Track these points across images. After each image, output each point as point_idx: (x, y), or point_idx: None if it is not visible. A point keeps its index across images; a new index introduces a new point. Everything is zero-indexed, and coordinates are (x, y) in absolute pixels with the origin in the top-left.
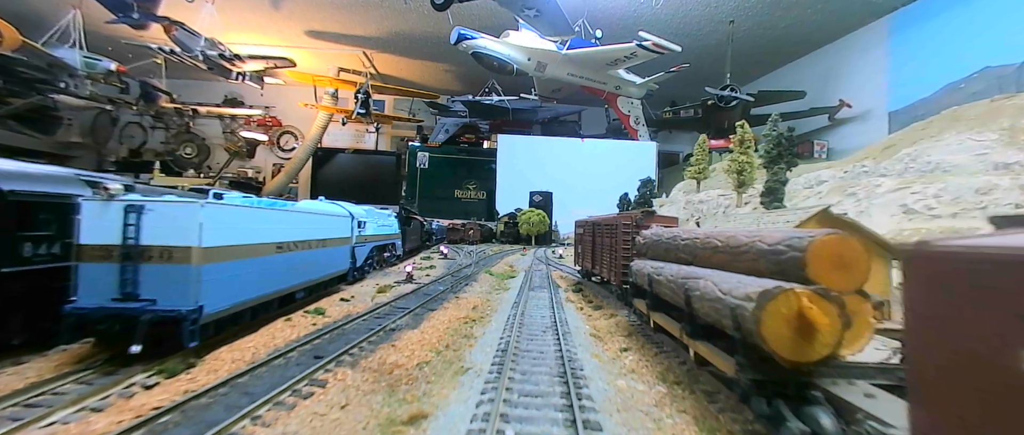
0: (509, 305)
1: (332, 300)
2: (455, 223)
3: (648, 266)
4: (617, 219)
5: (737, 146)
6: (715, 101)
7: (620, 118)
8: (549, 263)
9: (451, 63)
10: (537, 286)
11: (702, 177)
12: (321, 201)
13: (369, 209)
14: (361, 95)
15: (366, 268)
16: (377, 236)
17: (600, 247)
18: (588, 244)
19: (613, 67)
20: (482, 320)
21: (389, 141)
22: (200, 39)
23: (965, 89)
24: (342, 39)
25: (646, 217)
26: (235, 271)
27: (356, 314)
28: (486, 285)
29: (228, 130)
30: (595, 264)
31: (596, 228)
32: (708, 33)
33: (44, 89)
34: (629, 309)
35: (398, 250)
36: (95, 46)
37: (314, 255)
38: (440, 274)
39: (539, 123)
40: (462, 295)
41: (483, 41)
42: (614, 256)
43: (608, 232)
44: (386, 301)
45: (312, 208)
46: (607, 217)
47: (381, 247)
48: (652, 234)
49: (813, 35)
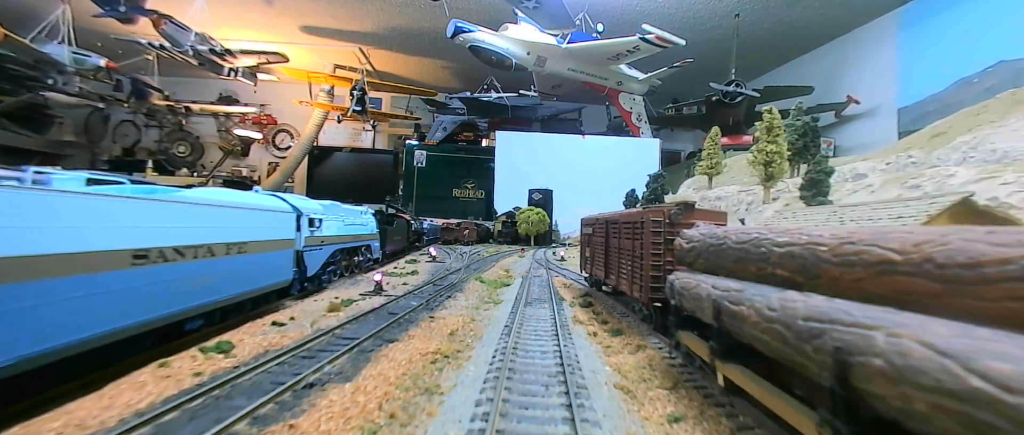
0: (498, 330)
1: (257, 326)
2: (450, 222)
3: (707, 284)
4: (643, 215)
5: (764, 134)
6: (719, 97)
7: (622, 115)
8: (550, 267)
9: (449, 59)
10: (536, 299)
11: (715, 172)
12: (255, 193)
13: (332, 205)
14: (357, 92)
15: (326, 277)
16: (343, 237)
17: (616, 252)
18: (599, 247)
19: (615, 62)
20: (457, 357)
21: (386, 139)
22: (190, 34)
23: (978, 84)
24: (337, 35)
25: (684, 212)
26: (34, 298)
27: (276, 351)
28: (474, 297)
29: (223, 128)
30: (609, 273)
31: (611, 228)
32: (712, 28)
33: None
34: (663, 336)
35: (375, 253)
36: (85, 42)
37: (220, 266)
38: (420, 282)
39: (539, 121)
40: (440, 313)
41: (480, 34)
42: (639, 264)
43: (629, 232)
44: (331, 327)
45: (222, 199)
46: (627, 214)
47: (351, 250)
48: (704, 236)
49: (820, 30)
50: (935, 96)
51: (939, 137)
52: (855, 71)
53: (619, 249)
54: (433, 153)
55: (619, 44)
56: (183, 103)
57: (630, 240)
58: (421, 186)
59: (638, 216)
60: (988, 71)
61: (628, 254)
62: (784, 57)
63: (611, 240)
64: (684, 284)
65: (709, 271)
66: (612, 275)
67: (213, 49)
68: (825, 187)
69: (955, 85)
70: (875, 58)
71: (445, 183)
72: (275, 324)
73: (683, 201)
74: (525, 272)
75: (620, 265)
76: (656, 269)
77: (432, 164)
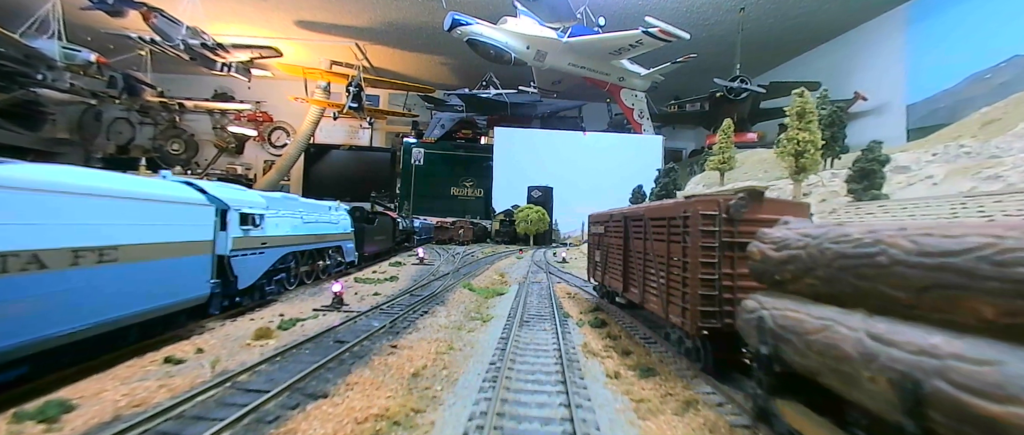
0: (482, 369)
1: (139, 365)
2: (444, 221)
3: (858, 330)
4: (688, 208)
5: (794, 121)
6: (724, 93)
7: (623, 112)
8: (550, 270)
9: (447, 55)
10: (535, 316)
11: (727, 168)
12: (161, 180)
13: (284, 198)
14: (353, 88)
15: (272, 288)
16: (299, 238)
17: (640, 258)
18: (614, 251)
19: (617, 57)
20: (413, 428)
21: (384, 137)
22: (181, 27)
23: (991, 79)
24: (333, 30)
25: (750, 203)
26: None
27: (132, 418)
28: (457, 311)
29: (218, 126)
30: (630, 284)
31: (632, 226)
32: (716, 23)
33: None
34: (718, 383)
35: (349, 256)
36: (75, 37)
37: (59, 282)
38: (396, 291)
39: (538, 118)
40: (407, 338)
41: (479, 27)
42: (679, 277)
43: (662, 232)
44: (244, 366)
45: (77, 183)
46: (658, 207)
47: (313, 253)
48: (812, 238)
49: (827, 25)
50: (946, 92)
51: (993, 124)
52: (863, 67)
53: (645, 254)
54: (431, 151)
55: (621, 38)
56: (177, 100)
57: (662, 242)
58: (419, 184)
59: (677, 209)
60: (1002, 66)
61: (659, 261)
62: (789, 53)
63: (632, 242)
64: (788, 321)
65: (828, 299)
66: (634, 287)
67: (205, 43)
68: (879, 179)
69: (967, 80)
70: (883, 54)
71: (443, 181)
72: (168, 361)
73: (748, 188)
74: (522, 277)
75: (647, 276)
76: (707, 284)
77: (430, 162)
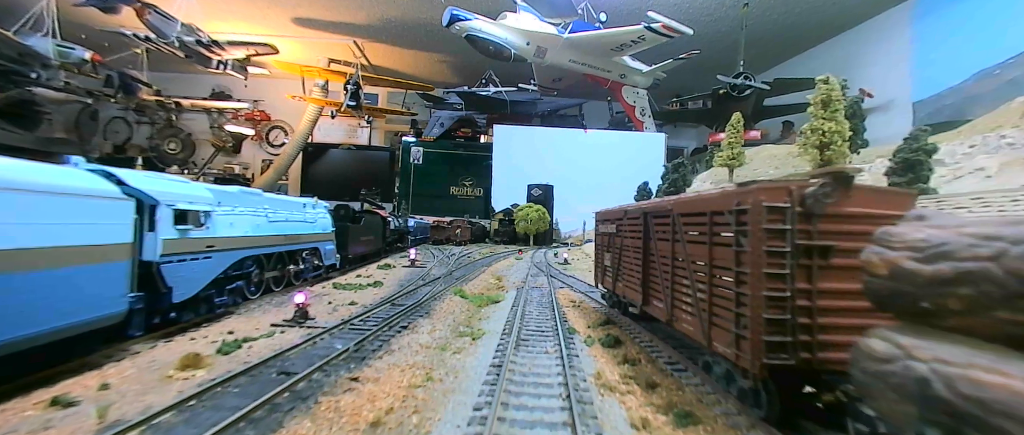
0: (461, 420)
1: (9, 414)
2: (441, 221)
3: None
4: (747, 196)
5: (817, 110)
6: (727, 90)
7: (625, 109)
8: (552, 273)
9: (446, 53)
10: (534, 332)
11: (737, 164)
12: (65, 168)
13: (244, 192)
14: (350, 86)
15: (224, 300)
16: (260, 239)
17: (666, 264)
18: (630, 255)
19: (618, 53)
20: None
21: (383, 136)
22: (176, 24)
23: (1000, 75)
24: (331, 27)
25: (836, 189)
26: None
27: None
28: (444, 325)
29: (215, 125)
30: (651, 296)
31: (655, 223)
32: (719, 19)
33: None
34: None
35: (329, 259)
36: (69, 35)
37: None
38: (377, 300)
39: (538, 116)
40: (373, 368)
41: (478, 23)
42: (730, 295)
43: (700, 231)
44: (145, 416)
45: None
46: (695, 199)
47: (282, 256)
48: (992, 241)
49: (831, 20)
50: (954, 88)
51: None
52: (868, 64)
53: (673, 259)
54: (430, 150)
55: (623, 34)
56: (173, 98)
57: (701, 244)
58: (418, 184)
59: (725, 201)
60: (1011, 61)
61: (696, 270)
62: (794, 49)
63: (655, 244)
64: (986, 391)
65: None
66: (658, 301)
67: (200, 40)
68: (925, 171)
69: (975, 76)
70: (889, 50)
71: (442, 180)
72: (56, 403)
73: (834, 169)
74: (521, 281)
75: (676, 287)
76: (776, 304)
77: (429, 161)
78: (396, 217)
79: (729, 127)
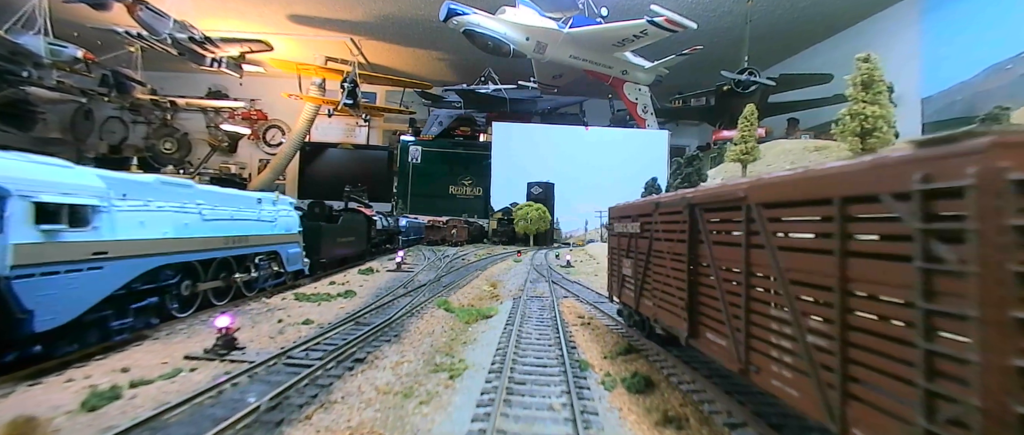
0: None
1: None
2: (437, 220)
3: None
4: (958, 159)
5: (856, 91)
6: (731, 86)
7: (627, 106)
8: (553, 278)
9: (445, 51)
10: (534, 368)
11: (751, 159)
12: None
13: (162, 183)
14: (347, 84)
15: (131, 323)
16: (192, 241)
17: (729, 282)
18: (663, 264)
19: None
20: None
21: (381, 135)
22: (168, 21)
23: (1013, 70)
24: (327, 24)
25: None
26: None
27: None
28: (414, 356)
29: (212, 124)
30: (704, 327)
31: (707, 219)
32: (722, 14)
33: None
34: None
35: (293, 264)
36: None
37: None
38: (339, 317)
39: (539, 114)
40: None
41: (476, 17)
42: (918, 355)
43: (817, 233)
44: None
45: None
46: (801, 178)
47: (225, 263)
48: None
49: (839, 15)
50: (964, 84)
51: None
52: None
53: (747, 275)
54: (429, 149)
55: (625, 28)
56: (169, 97)
57: (817, 256)
58: (416, 183)
59: (890, 174)
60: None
61: (804, 299)
62: (799, 45)
63: (709, 249)
64: None
65: None
66: (719, 336)
67: (193, 37)
68: None
69: (986, 72)
70: (896, 46)
71: (441, 180)
72: None
73: None
74: (519, 288)
75: (758, 322)
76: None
77: (428, 160)
78: (384, 216)
79: (742, 120)
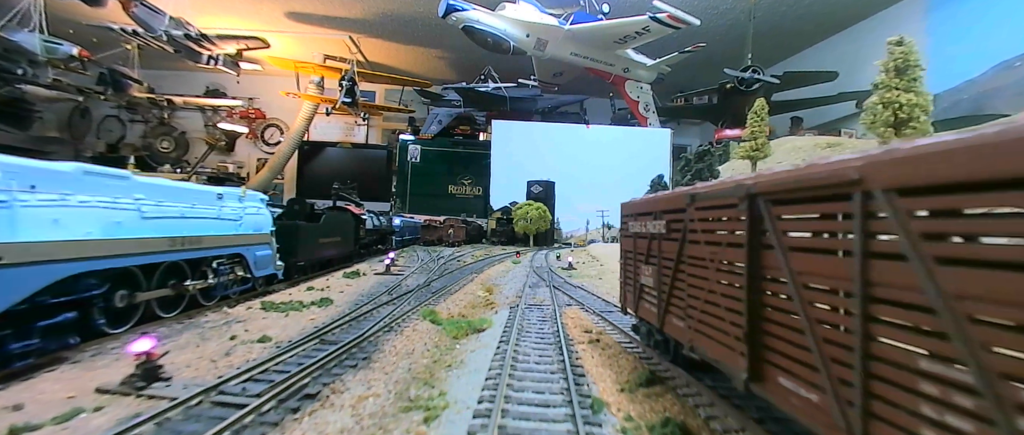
0: None
1: None
2: (433, 220)
3: None
4: None
5: (888, 78)
6: (734, 84)
7: (628, 104)
8: (555, 283)
9: (444, 49)
10: (533, 406)
11: (762, 156)
12: None
13: (86, 172)
14: (346, 82)
15: (34, 344)
16: (129, 243)
17: (833, 309)
18: (706, 275)
19: (622, 45)
20: None
21: (380, 134)
22: (164, 17)
23: (1020, 68)
24: (326, 22)
25: None
26: None
27: None
28: (383, 392)
29: (210, 123)
30: (776, 369)
31: (776, 217)
32: (725, 11)
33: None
34: None
35: (262, 269)
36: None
37: None
38: (305, 331)
39: (539, 113)
40: None
41: (475, 13)
42: None
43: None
44: None
45: None
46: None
47: (176, 268)
48: None
49: (844, 12)
50: (970, 82)
51: None
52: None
53: (863, 298)
54: (428, 148)
55: (627, 25)
56: (166, 96)
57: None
58: (416, 183)
59: None
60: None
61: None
62: (804, 42)
63: (783, 260)
64: None
65: None
66: (811, 390)
67: (189, 34)
68: None
69: (993, 69)
70: None
71: (441, 179)
72: None
73: None
74: (516, 295)
75: (872, 367)
76: None
77: (427, 160)
78: (376, 215)
79: (752, 114)
